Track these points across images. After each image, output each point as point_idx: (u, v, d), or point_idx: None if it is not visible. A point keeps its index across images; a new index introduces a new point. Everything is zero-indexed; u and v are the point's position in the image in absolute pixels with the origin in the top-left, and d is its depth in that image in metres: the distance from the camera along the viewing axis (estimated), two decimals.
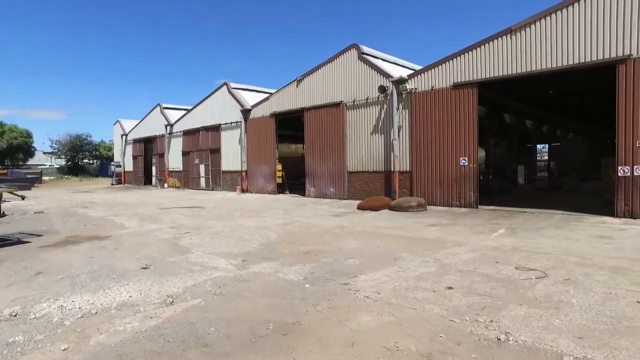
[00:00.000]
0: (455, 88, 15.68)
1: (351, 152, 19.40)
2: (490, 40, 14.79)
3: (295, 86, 22.13)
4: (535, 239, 9.44)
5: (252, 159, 25.15)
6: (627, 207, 12.27)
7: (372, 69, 18.58)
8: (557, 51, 13.33)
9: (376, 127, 18.32)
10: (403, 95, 17.21)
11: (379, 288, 5.83)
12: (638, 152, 12.04)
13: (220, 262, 7.55)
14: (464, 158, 15.46)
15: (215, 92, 28.50)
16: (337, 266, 7.15)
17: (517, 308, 4.95)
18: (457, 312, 4.87)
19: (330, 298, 5.47)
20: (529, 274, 6.39)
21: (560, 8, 13.25)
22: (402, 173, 17.30)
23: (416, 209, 14.85)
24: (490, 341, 4.09)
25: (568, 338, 4.10)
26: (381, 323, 4.61)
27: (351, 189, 19.41)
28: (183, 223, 12.82)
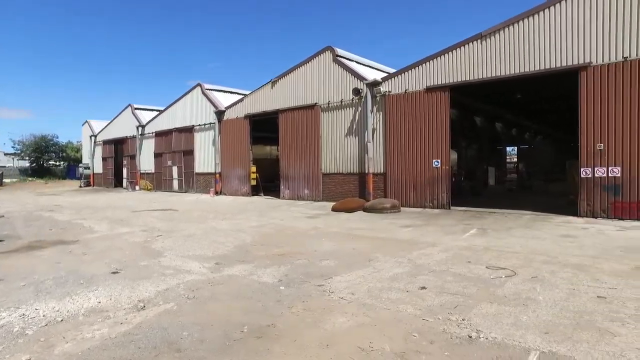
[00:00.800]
0: (428, 91, 15.98)
1: (326, 154, 19.46)
2: (462, 45, 15.15)
3: (269, 88, 22.04)
4: (505, 238, 9.71)
5: (226, 161, 24.87)
6: (589, 207, 12.79)
7: (346, 71, 18.71)
8: (525, 57, 13.78)
9: (350, 129, 18.46)
10: (377, 98, 17.41)
11: (353, 289, 5.87)
12: (599, 154, 12.57)
13: (194, 266, 7.43)
14: (437, 160, 15.76)
15: (188, 93, 28.06)
16: (311, 268, 7.15)
17: (488, 306, 5.07)
18: (430, 311, 4.95)
19: (305, 300, 5.47)
20: (499, 273, 6.56)
21: (527, 16, 13.72)
22: (376, 175, 17.47)
23: (390, 211, 15.02)
24: (462, 339, 4.18)
25: (535, 333, 4.24)
26: (356, 324, 4.64)
27: (326, 191, 19.47)
28: (155, 226, 12.54)
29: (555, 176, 30.62)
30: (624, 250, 8.23)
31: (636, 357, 3.73)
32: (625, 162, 12.17)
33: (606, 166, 12.49)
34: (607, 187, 12.48)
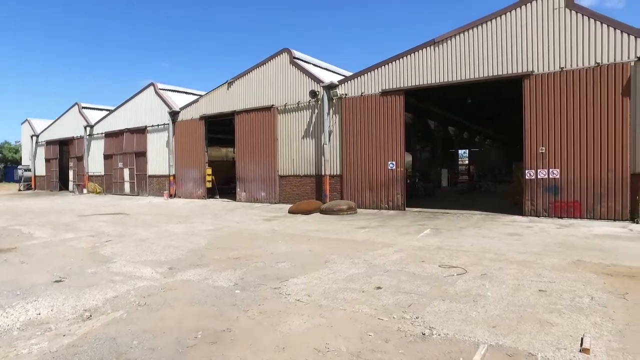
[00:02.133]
0: (384, 95, 16.33)
1: (282, 156, 19.40)
2: (416, 51, 15.61)
3: (226, 89, 21.69)
4: (457, 238, 10.08)
5: (181, 163, 24.19)
6: (532, 207, 13.55)
7: (303, 73, 18.76)
8: (475, 64, 14.43)
9: (307, 132, 18.51)
10: (334, 101, 17.58)
11: (309, 291, 5.87)
12: (541, 157, 13.36)
13: (146, 271, 7.15)
14: (392, 162, 16.13)
15: (140, 92, 27.04)
16: (268, 270, 7.09)
17: (441, 303, 5.24)
18: (386, 310, 5.04)
19: (261, 303, 5.41)
20: (451, 271, 6.80)
21: (477, 25, 14.38)
22: (332, 177, 17.63)
23: (346, 212, 15.20)
24: (416, 336, 4.28)
25: (484, 328, 4.42)
26: (312, 325, 4.64)
27: (282, 193, 19.40)
28: (104, 231, 11.97)
29: (502, 178, 32.23)
30: (562, 246, 8.79)
31: (570, 344, 4.00)
32: (564, 164, 13.01)
33: (547, 168, 13.28)
34: (548, 187, 13.28)
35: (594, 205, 12.59)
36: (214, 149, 31.52)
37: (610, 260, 7.43)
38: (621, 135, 12.20)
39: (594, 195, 12.59)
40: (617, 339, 4.11)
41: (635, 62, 12.05)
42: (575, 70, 12.80)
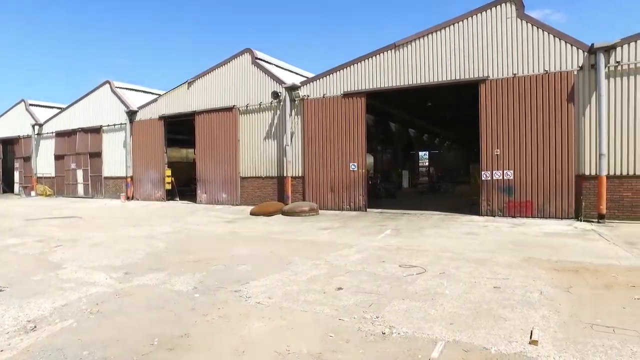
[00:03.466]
0: (346, 97, 16.49)
1: (244, 158, 19.17)
2: (377, 54, 15.87)
3: (186, 88, 21.18)
4: (417, 238, 10.31)
5: (139, 164, 23.37)
6: (489, 207, 14.09)
7: (265, 74, 18.64)
8: (435, 68, 14.84)
9: (269, 133, 18.39)
10: (296, 102, 17.56)
11: (270, 293, 5.82)
12: (496, 159, 13.92)
13: (99, 277, 6.84)
14: (354, 163, 16.31)
15: (95, 90, 25.88)
16: (228, 273, 6.96)
17: (400, 302, 5.33)
18: (346, 311, 5.06)
19: (221, 307, 5.30)
20: (410, 271, 6.93)
21: (436, 30, 14.80)
22: (294, 178, 17.60)
23: (308, 214, 15.21)
24: (376, 336, 4.33)
25: (442, 325, 4.53)
26: (273, 328, 4.60)
27: (244, 195, 19.17)
28: (54, 235, 11.35)
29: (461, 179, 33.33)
30: (515, 244, 9.18)
31: (520, 337, 4.18)
32: (517, 166, 13.62)
33: (502, 170, 13.86)
34: (502, 188, 13.85)
35: (544, 205, 13.25)
36: (174, 150, 30.73)
37: (557, 256, 7.83)
38: (567, 139, 12.93)
39: (544, 196, 13.25)
40: (562, 330, 4.34)
41: (577, 71, 12.82)
42: (527, 77, 13.44)
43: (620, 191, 12.37)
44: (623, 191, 12.35)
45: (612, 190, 12.37)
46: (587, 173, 12.71)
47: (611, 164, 12.44)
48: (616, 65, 12.33)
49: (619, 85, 12.37)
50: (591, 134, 12.65)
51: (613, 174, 12.42)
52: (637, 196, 12.21)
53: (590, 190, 12.61)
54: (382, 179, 25.90)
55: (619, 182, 12.38)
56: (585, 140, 12.74)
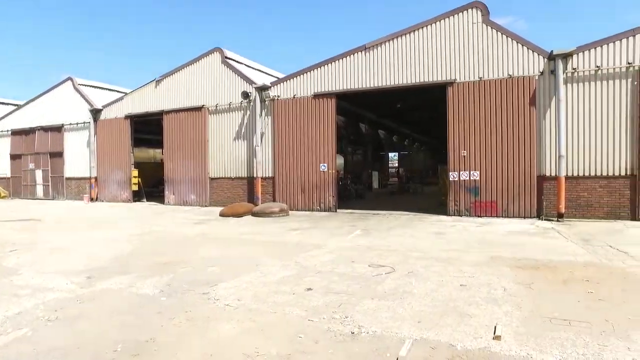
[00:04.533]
0: (316, 97, 16.53)
1: (213, 158, 18.90)
2: (348, 55, 15.99)
3: (153, 87, 20.68)
4: (386, 238, 10.43)
5: (104, 165, 22.61)
6: (456, 207, 14.45)
7: (235, 74, 18.44)
8: (404, 70, 15.10)
9: (239, 133, 18.21)
10: (266, 102, 17.46)
11: (240, 295, 5.75)
12: (463, 160, 14.29)
13: (59, 282, 6.56)
14: (324, 164, 16.36)
15: (56, 87, 24.86)
16: (197, 276, 6.83)
17: (369, 302, 5.37)
18: (316, 311, 5.06)
19: (189, 309, 5.19)
20: (380, 270, 7.01)
21: (406, 33, 15.07)
22: (264, 179, 17.49)
23: (279, 214, 15.15)
24: (345, 336, 4.35)
25: (410, 324, 4.60)
26: (242, 330, 4.54)
27: (213, 196, 18.89)
28: (9, 239, 10.81)
29: (430, 180, 34.03)
30: (481, 243, 9.45)
31: (485, 333, 4.30)
32: (483, 167, 14.03)
33: (469, 170, 14.25)
34: (469, 189, 14.24)
35: (508, 205, 13.70)
36: (141, 150, 29.90)
37: (520, 254, 8.11)
38: (529, 141, 13.43)
39: (508, 196, 13.71)
40: (523, 325, 4.50)
41: (538, 76, 13.35)
42: (492, 81, 13.88)
43: (577, 191, 12.96)
44: (580, 191, 12.94)
45: (570, 190, 12.95)
46: (548, 174, 13.25)
47: (569, 166, 13.01)
48: (573, 71, 12.91)
49: (576, 90, 12.96)
50: (551, 137, 13.20)
51: (571, 175, 13.00)
52: (592, 196, 12.83)
53: (551, 190, 13.15)
54: (352, 179, 26.11)
55: (576, 183, 12.97)
56: (546, 142, 13.28)
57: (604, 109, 12.71)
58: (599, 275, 6.52)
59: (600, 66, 12.65)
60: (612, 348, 3.94)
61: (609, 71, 12.61)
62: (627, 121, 12.50)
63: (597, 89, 12.77)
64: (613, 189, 12.66)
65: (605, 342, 4.06)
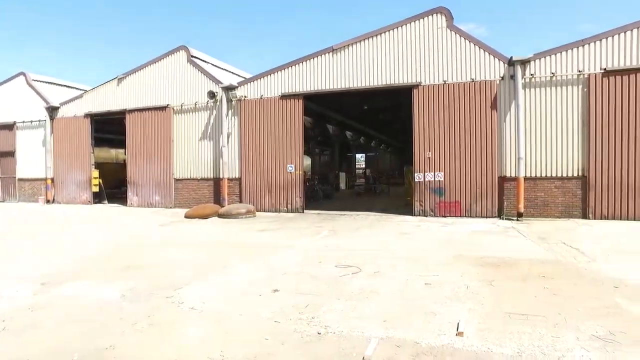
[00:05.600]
0: (283, 98, 16.48)
1: (178, 159, 18.47)
2: (315, 56, 16.03)
3: (115, 85, 19.98)
4: (353, 238, 10.53)
5: (61, 165, 21.62)
6: (421, 207, 14.76)
7: (201, 73, 18.11)
8: (370, 72, 15.29)
9: (205, 133, 17.89)
10: (233, 102, 17.25)
11: (205, 298, 5.64)
12: (428, 161, 14.62)
13: (9, 290, 6.20)
14: (291, 165, 16.33)
15: (7, 82, 23.50)
16: (161, 279, 6.66)
17: (336, 302, 5.40)
18: (283, 313, 5.04)
19: (152, 314, 5.05)
20: (347, 271, 7.06)
21: (373, 35, 15.27)
22: (231, 180, 17.27)
23: (245, 216, 14.99)
24: (312, 336, 4.35)
25: (376, 323, 4.66)
26: (207, 333, 4.46)
27: (179, 197, 18.47)
28: None
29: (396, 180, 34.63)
30: (445, 242, 9.70)
31: (449, 329, 4.42)
32: (447, 168, 14.40)
33: (434, 171, 14.59)
34: (434, 189, 14.58)
35: (471, 205, 14.13)
36: (103, 150, 28.88)
37: (482, 253, 8.38)
38: (491, 143, 13.91)
39: (471, 196, 14.14)
40: (485, 321, 4.65)
41: (499, 81, 13.86)
42: (455, 84, 14.28)
43: (535, 191, 13.54)
44: (537, 191, 13.52)
45: (528, 191, 13.51)
46: (508, 175, 13.77)
47: (528, 167, 13.57)
48: (531, 77, 13.49)
49: (534, 95, 13.54)
50: (511, 139, 13.72)
51: (529, 176, 13.56)
52: (548, 196, 13.44)
53: (511, 190, 13.67)
54: (319, 180, 26.19)
55: (534, 183, 13.54)
56: (506, 144, 13.79)
57: (559, 113, 13.35)
58: (553, 271, 6.83)
59: (555, 73, 13.28)
60: (564, 339, 4.15)
61: (563, 78, 13.26)
62: (579, 125, 13.17)
63: (552, 94, 13.39)
64: (567, 189, 13.31)
65: (558, 334, 4.27)
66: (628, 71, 12.67)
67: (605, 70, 12.82)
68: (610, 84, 12.83)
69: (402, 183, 25.18)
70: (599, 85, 12.91)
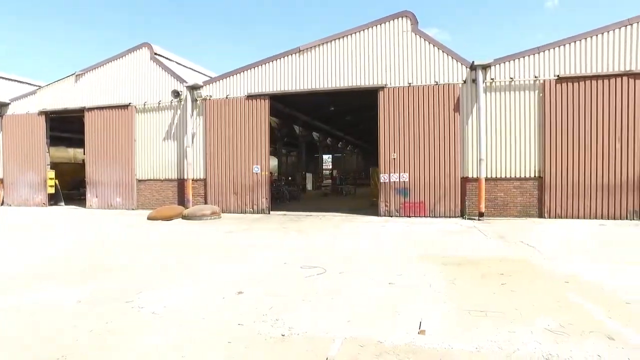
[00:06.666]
0: (249, 98, 16.32)
1: (141, 159, 17.94)
2: (282, 57, 15.97)
3: (73, 81, 19.17)
4: (319, 239, 10.54)
5: (12, 165, 20.50)
6: (386, 208, 14.98)
7: (165, 71, 17.67)
8: (337, 74, 15.39)
9: (169, 133, 17.46)
10: (198, 102, 16.93)
11: (167, 302, 5.49)
12: (393, 162, 14.86)
13: None
14: (257, 166, 16.20)
15: None
16: (121, 283, 6.42)
17: (301, 303, 5.38)
18: (247, 315, 4.97)
19: (110, 320, 4.85)
20: (311, 272, 7.05)
21: (340, 37, 15.38)
22: (196, 181, 16.94)
23: (210, 217, 14.74)
24: (276, 338, 4.31)
25: (340, 323, 4.67)
26: (168, 339, 4.33)
27: (141, 199, 17.93)
28: None
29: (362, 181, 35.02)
30: (409, 242, 9.87)
31: (412, 328, 4.49)
32: (412, 169, 14.69)
33: (399, 172, 14.84)
34: (399, 190, 14.84)
35: (435, 205, 14.47)
36: (59, 150, 27.70)
37: (445, 252, 8.60)
38: (454, 144, 14.30)
39: (435, 196, 14.48)
40: (446, 318, 4.77)
41: (462, 84, 14.28)
42: (420, 87, 14.59)
43: (495, 192, 14.03)
44: (497, 192, 14.02)
45: (489, 191, 13.98)
46: (470, 176, 14.19)
47: (489, 168, 14.06)
48: (491, 81, 13.98)
49: (494, 98, 14.04)
50: (473, 141, 14.16)
51: (490, 177, 14.04)
52: (508, 196, 13.96)
53: (473, 191, 14.11)
54: (286, 181, 26.11)
55: (494, 184, 14.03)
56: (469, 146, 14.22)
57: (517, 116, 13.90)
58: (511, 268, 7.09)
59: (513, 78, 13.82)
60: (519, 333, 4.31)
61: (521, 82, 13.82)
62: (535, 128, 13.76)
63: (511, 98, 13.93)
64: (525, 190, 13.88)
65: (514, 329, 4.43)
66: (579, 78, 13.37)
67: (559, 76, 13.46)
68: (564, 90, 13.49)
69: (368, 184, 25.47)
70: (553, 91, 13.55)
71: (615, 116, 13.17)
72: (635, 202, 13.08)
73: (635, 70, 13.01)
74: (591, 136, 13.32)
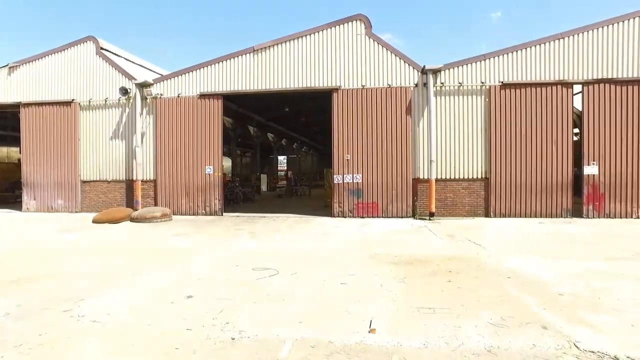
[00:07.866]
0: (202, 98, 15.91)
1: (86, 159, 16.99)
2: (236, 56, 15.71)
3: (6, 74, 17.82)
4: (272, 241, 10.45)
5: None
6: (340, 209, 15.11)
7: (112, 67, 16.85)
8: (292, 74, 15.34)
9: (117, 132, 16.67)
10: (148, 100, 16.29)
11: (110, 309, 5.21)
12: (347, 163, 15.02)
13: None
14: (210, 167, 15.82)
15: None
16: (59, 292, 6.02)
17: (252, 306, 5.30)
18: (195, 320, 4.82)
19: (45, 332, 4.53)
20: (264, 273, 6.96)
21: (294, 38, 15.34)
22: (145, 182, 16.29)
23: (160, 219, 14.21)
24: (225, 342, 4.21)
25: (291, 325, 4.64)
26: (110, 348, 4.11)
27: (86, 201, 16.98)
28: None
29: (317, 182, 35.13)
30: (362, 242, 10.02)
31: (362, 327, 4.54)
32: (365, 170, 14.91)
33: (352, 173, 15.01)
34: (353, 191, 15.00)
35: (388, 206, 14.77)
36: None
37: (397, 251, 8.78)
38: (406, 146, 14.67)
39: (387, 197, 14.77)
40: (395, 316, 4.87)
41: (414, 88, 14.69)
42: (373, 89, 14.85)
43: (445, 192, 14.53)
44: (447, 192, 14.53)
45: (439, 192, 14.46)
46: (421, 177, 14.61)
47: (439, 169, 14.54)
48: (441, 85, 14.48)
49: (444, 102, 14.55)
50: (424, 143, 14.60)
51: (440, 178, 14.52)
52: (457, 196, 14.50)
53: (424, 192, 14.53)
54: (240, 182, 25.72)
55: (444, 185, 14.53)
56: (420, 148, 14.64)
57: (466, 119, 14.48)
58: (459, 266, 7.36)
59: (462, 83, 14.40)
60: (465, 328, 4.49)
61: (468, 87, 14.42)
62: (482, 131, 14.40)
63: (460, 102, 14.50)
64: (472, 190, 14.48)
65: (459, 324, 4.60)
66: (521, 85, 14.15)
67: (503, 83, 14.18)
68: (507, 96, 14.23)
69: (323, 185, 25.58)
70: (498, 96, 14.25)
71: (552, 122, 14.07)
72: (569, 201, 14.03)
73: (567, 80, 13.98)
74: (531, 140, 14.13)
